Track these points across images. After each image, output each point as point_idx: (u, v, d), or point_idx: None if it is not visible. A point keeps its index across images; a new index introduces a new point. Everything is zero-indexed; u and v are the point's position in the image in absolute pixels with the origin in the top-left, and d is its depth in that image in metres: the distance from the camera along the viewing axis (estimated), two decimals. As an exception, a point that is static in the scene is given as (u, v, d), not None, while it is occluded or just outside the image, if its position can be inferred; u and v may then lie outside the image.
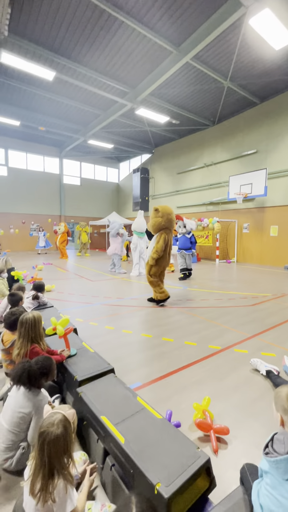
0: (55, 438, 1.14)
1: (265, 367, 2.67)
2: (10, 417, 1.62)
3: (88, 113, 12.90)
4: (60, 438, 1.15)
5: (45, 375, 1.76)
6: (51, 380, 1.84)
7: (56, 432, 1.15)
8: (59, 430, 1.16)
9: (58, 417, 1.20)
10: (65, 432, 1.17)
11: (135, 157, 20.35)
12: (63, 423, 1.19)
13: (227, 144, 13.11)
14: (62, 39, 7.92)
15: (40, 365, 1.75)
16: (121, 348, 3.32)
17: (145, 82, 9.84)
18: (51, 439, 1.13)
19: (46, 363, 1.80)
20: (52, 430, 1.15)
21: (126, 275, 8.89)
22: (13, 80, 10.15)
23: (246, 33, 7.43)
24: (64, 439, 1.16)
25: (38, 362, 1.77)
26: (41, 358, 1.83)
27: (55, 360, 2.25)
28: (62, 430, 1.17)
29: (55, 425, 1.17)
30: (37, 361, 1.79)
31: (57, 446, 1.14)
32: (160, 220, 5.00)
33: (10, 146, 16.96)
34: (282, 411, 1.16)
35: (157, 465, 1.27)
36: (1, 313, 4.00)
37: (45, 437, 1.14)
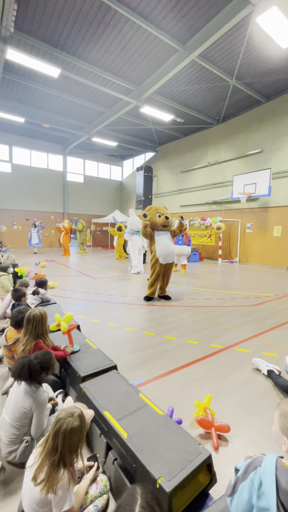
0: (71, 429, 1.16)
1: (267, 366, 2.68)
2: (12, 412, 1.65)
3: (93, 110, 12.89)
4: (76, 431, 1.17)
5: (45, 370, 1.76)
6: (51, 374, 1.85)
7: (73, 423, 1.17)
8: (76, 423, 1.18)
9: (77, 411, 1.23)
10: (80, 427, 1.20)
11: (139, 155, 20.32)
12: (81, 419, 1.21)
13: (232, 143, 13.04)
14: (67, 36, 7.91)
15: (40, 360, 1.76)
16: (123, 345, 3.35)
17: (150, 80, 9.80)
18: (67, 429, 1.16)
19: (46, 357, 1.80)
20: (70, 420, 1.18)
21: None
22: (18, 77, 10.16)
23: (252, 31, 7.37)
24: (78, 433, 1.18)
25: (37, 357, 1.78)
26: (40, 353, 1.83)
27: (58, 356, 2.29)
28: (79, 424, 1.19)
29: (74, 417, 1.19)
30: (37, 355, 1.80)
31: (71, 438, 1.16)
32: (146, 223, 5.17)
33: (14, 143, 17.01)
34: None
35: (159, 460, 1.29)
36: (5, 308, 4.05)
37: (61, 424, 1.16)
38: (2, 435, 1.66)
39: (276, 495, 0.88)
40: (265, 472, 0.94)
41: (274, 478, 0.91)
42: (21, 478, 1.57)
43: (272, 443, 1.82)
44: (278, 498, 0.88)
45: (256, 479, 0.95)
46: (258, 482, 0.94)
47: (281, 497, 0.88)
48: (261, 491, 0.92)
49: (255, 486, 0.94)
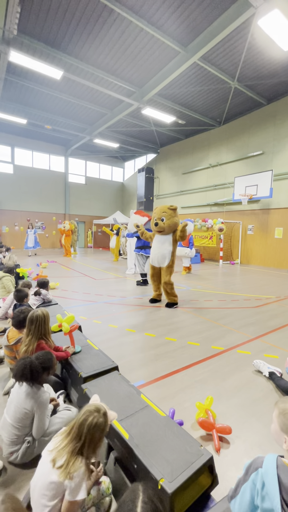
0: (95, 424, 1.19)
1: (268, 368, 2.67)
2: (14, 413, 1.65)
3: (95, 112, 12.94)
4: (99, 427, 1.20)
5: (46, 370, 1.76)
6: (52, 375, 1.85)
7: (99, 419, 1.21)
8: (101, 419, 1.21)
9: (103, 409, 1.26)
10: (104, 425, 1.22)
11: (140, 156, 20.36)
12: (105, 417, 1.24)
13: (233, 145, 13.06)
14: (70, 38, 7.96)
15: (41, 360, 1.76)
16: (124, 347, 3.35)
17: (152, 81, 9.84)
18: (92, 422, 1.19)
19: (47, 357, 1.80)
20: (96, 415, 1.21)
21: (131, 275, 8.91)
22: (21, 79, 10.22)
23: (254, 34, 7.40)
24: (101, 430, 1.21)
25: (39, 357, 1.78)
26: (41, 353, 1.84)
27: (60, 357, 2.29)
28: (103, 421, 1.22)
29: (100, 414, 1.22)
30: (38, 356, 1.80)
31: (95, 432, 1.19)
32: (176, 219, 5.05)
33: (16, 144, 17.09)
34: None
35: (161, 461, 1.29)
36: (6, 309, 4.06)
37: (87, 417, 1.20)
38: (3, 435, 1.66)
39: (279, 495, 0.88)
40: (267, 472, 0.94)
41: (276, 477, 0.91)
42: (23, 479, 1.58)
43: (273, 444, 1.81)
44: (281, 497, 0.87)
45: (258, 480, 0.95)
46: (260, 483, 0.94)
47: (284, 496, 0.87)
48: (264, 491, 0.92)
49: (258, 487, 0.94)
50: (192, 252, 9.11)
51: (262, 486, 0.93)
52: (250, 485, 0.97)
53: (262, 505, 0.92)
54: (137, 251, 7.36)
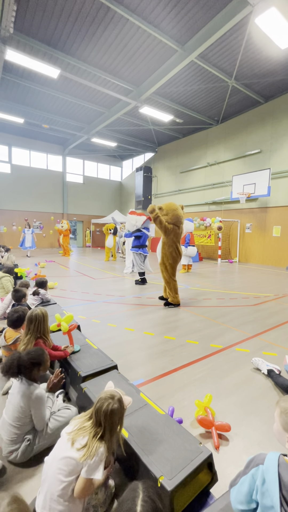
0: (111, 410, 1.22)
1: (267, 366, 2.68)
2: (12, 412, 1.65)
3: (92, 111, 12.90)
4: (115, 412, 1.23)
5: (36, 365, 1.74)
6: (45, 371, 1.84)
7: (113, 405, 1.24)
8: (116, 405, 1.24)
9: (118, 395, 1.29)
10: (120, 409, 1.26)
11: (138, 155, 20.34)
12: (119, 404, 1.27)
13: (231, 143, 13.07)
14: (67, 37, 7.92)
15: (31, 356, 1.74)
16: (123, 345, 3.35)
17: (149, 80, 9.82)
18: (108, 409, 1.22)
19: (36, 353, 1.78)
20: (110, 402, 1.24)
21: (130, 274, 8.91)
22: (17, 78, 10.17)
23: (251, 32, 7.39)
24: (118, 415, 1.25)
25: (29, 353, 1.77)
26: (32, 349, 1.83)
27: (59, 356, 2.29)
28: (118, 407, 1.25)
29: (114, 400, 1.25)
30: (29, 352, 1.79)
31: (112, 418, 1.23)
32: (165, 218, 4.96)
33: (13, 143, 17.00)
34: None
35: (160, 459, 1.30)
36: (5, 309, 4.05)
37: (102, 404, 1.23)
38: (3, 435, 1.66)
39: (279, 492, 0.89)
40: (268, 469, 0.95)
41: (276, 475, 0.92)
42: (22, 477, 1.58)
43: (272, 442, 1.82)
44: (281, 495, 0.88)
45: (258, 476, 0.96)
46: (261, 480, 0.95)
47: (284, 494, 0.88)
48: (264, 488, 0.93)
49: (258, 483, 0.95)
50: (190, 250, 9.09)
51: (263, 482, 0.94)
52: (249, 479, 0.99)
53: (262, 502, 0.93)
54: (135, 250, 7.36)
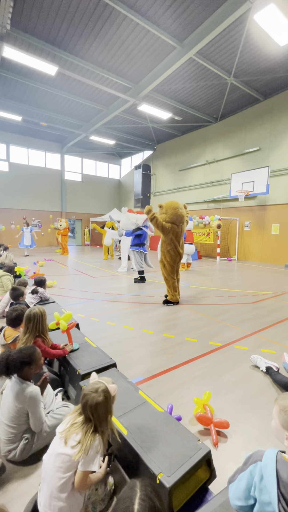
0: (96, 404, 1.23)
1: (265, 363, 2.69)
2: (7, 412, 1.65)
3: (90, 108, 12.84)
4: (100, 405, 1.23)
5: (26, 364, 1.71)
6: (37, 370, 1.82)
7: (97, 398, 1.24)
8: (100, 398, 1.24)
9: (101, 386, 1.29)
10: (105, 401, 1.25)
11: (137, 153, 20.27)
12: (105, 393, 1.27)
13: (230, 141, 13.05)
14: (64, 33, 7.86)
15: (21, 355, 1.72)
16: (122, 344, 3.35)
17: (148, 77, 9.77)
18: (92, 403, 1.23)
19: (27, 352, 1.75)
20: (94, 396, 1.24)
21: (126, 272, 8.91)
22: (15, 75, 10.09)
23: (250, 29, 7.36)
24: (104, 407, 1.25)
25: (20, 351, 1.74)
26: (24, 347, 1.80)
27: (58, 354, 2.29)
28: (103, 399, 1.25)
29: (98, 393, 1.25)
30: (20, 350, 1.76)
31: (98, 411, 1.23)
32: (164, 217, 4.94)
33: (11, 141, 16.91)
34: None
35: (159, 456, 1.30)
36: (3, 307, 4.05)
37: (87, 399, 1.24)
38: (0, 434, 1.66)
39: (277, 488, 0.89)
40: (266, 466, 0.96)
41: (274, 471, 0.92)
42: (21, 475, 1.59)
43: (270, 438, 1.83)
44: (279, 491, 0.89)
45: (256, 473, 0.97)
46: (259, 476, 0.95)
47: (282, 490, 0.89)
48: (262, 484, 0.93)
49: (256, 480, 0.96)
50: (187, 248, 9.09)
51: (261, 479, 0.95)
52: (247, 475, 1.00)
53: (260, 498, 0.93)
54: (136, 248, 7.34)
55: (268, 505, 0.90)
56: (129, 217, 7.47)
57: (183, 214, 4.97)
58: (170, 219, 4.88)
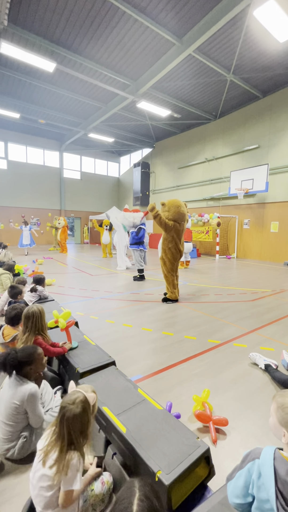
0: (73, 416, 1.18)
1: (264, 361, 2.70)
2: (4, 410, 1.64)
3: (89, 106, 12.76)
4: (77, 417, 1.18)
5: (27, 364, 1.72)
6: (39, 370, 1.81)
7: (75, 410, 1.18)
8: (78, 409, 1.19)
9: (79, 396, 1.23)
10: (83, 412, 1.20)
11: (136, 151, 20.19)
12: (83, 404, 1.21)
13: (229, 138, 13.00)
14: (62, 30, 7.78)
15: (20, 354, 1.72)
16: (121, 342, 3.35)
17: (146, 74, 9.70)
18: (69, 416, 1.17)
19: (26, 352, 1.74)
20: (71, 407, 1.19)
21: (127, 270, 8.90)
22: (13, 71, 10.01)
23: (250, 25, 7.30)
24: (81, 419, 1.19)
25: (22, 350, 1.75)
26: (26, 347, 1.80)
27: (57, 353, 2.29)
28: (81, 411, 1.20)
29: (75, 404, 1.20)
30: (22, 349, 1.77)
31: (75, 424, 1.18)
32: (167, 214, 4.96)
33: (10, 139, 16.80)
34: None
35: (158, 454, 1.30)
36: (2, 306, 4.04)
37: (64, 412, 1.18)
38: None
39: (274, 485, 0.89)
40: (263, 463, 0.96)
41: (272, 468, 0.93)
42: (20, 473, 1.59)
43: (269, 436, 1.84)
44: (277, 488, 0.89)
45: (254, 470, 0.97)
46: (256, 474, 0.96)
47: (280, 487, 0.89)
48: (260, 482, 0.93)
49: (254, 477, 0.96)
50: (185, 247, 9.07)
51: (259, 476, 0.95)
52: (245, 473, 1.00)
53: (258, 495, 0.93)
54: (136, 247, 7.31)
55: (266, 503, 0.90)
56: (126, 217, 7.44)
57: (184, 212, 5.02)
58: (172, 217, 4.91)
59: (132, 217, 7.35)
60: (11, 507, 1.39)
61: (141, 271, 7.25)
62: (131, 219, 7.35)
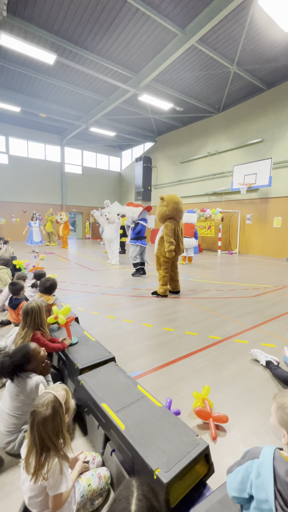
0: (43, 419, 1.12)
1: (265, 357, 2.68)
2: (10, 402, 1.65)
3: (90, 99, 12.60)
4: (48, 420, 1.12)
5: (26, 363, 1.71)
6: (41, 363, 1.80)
7: (44, 413, 1.12)
8: (48, 411, 1.13)
9: (48, 397, 1.17)
10: (54, 413, 1.14)
11: (138, 145, 19.99)
12: (53, 404, 1.16)
13: (232, 132, 12.81)
14: (62, 21, 7.63)
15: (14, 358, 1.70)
16: (122, 337, 3.35)
17: (148, 66, 9.53)
18: (39, 420, 1.12)
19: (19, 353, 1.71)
20: (41, 410, 1.13)
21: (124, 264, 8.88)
22: (13, 64, 9.87)
23: (254, 14, 7.11)
24: (53, 421, 1.14)
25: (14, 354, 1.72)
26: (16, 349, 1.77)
27: (56, 348, 2.28)
28: (51, 412, 1.13)
29: (44, 406, 1.14)
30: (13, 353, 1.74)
31: (46, 427, 1.12)
32: (165, 209, 4.92)
33: (10, 133, 16.69)
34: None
35: (157, 451, 1.29)
36: (3, 301, 4.05)
37: (34, 417, 1.12)
38: (0, 425, 1.66)
39: (273, 485, 0.88)
40: (263, 463, 0.95)
41: (271, 468, 0.91)
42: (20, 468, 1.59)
43: (269, 433, 1.82)
44: (276, 488, 0.88)
45: (253, 470, 0.96)
46: (256, 473, 0.95)
47: (279, 487, 0.88)
48: (259, 481, 0.92)
49: (252, 477, 0.96)
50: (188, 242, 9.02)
51: (257, 476, 0.94)
52: (243, 469, 1.00)
53: (256, 495, 0.92)
54: (134, 242, 7.26)
55: (265, 503, 0.89)
56: (126, 211, 7.38)
57: (182, 209, 5.02)
58: (170, 212, 4.89)
59: (131, 212, 7.28)
60: (10, 502, 1.40)
61: (136, 265, 7.19)
62: (130, 214, 7.28)
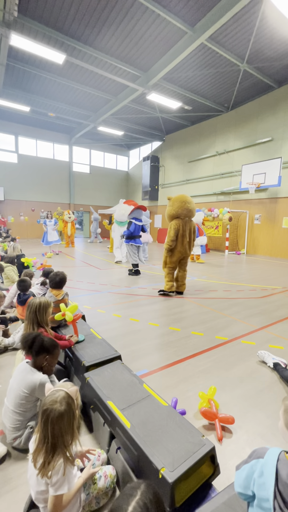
0: (59, 415, 1.13)
1: (273, 359, 2.64)
2: (14, 398, 1.67)
3: (98, 98, 12.64)
4: (64, 415, 1.14)
5: (45, 352, 1.75)
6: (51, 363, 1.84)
7: (59, 409, 1.14)
8: (63, 407, 1.14)
9: (61, 394, 1.19)
10: (68, 409, 1.16)
11: (145, 144, 19.97)
12: (67, 400, 1.17)
13: (241, 131, 12.66)
14: (72, 20, 7.67)
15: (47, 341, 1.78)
16: (128, 336, 3.35)
17: (157, 65, 9.49)
18: (55, 416, 1.13)
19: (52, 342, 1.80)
20: (55, 407, 1.14)
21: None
22: (23, 64, 9.98)
23: (265, 11, 7.00)
24: (68, 416, 1.15)
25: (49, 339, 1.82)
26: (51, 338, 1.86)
27: (63, 345, 2.30)
28: (66, 407, 1.15)
29: (58, 402, 1.15)
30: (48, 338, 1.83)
31: (61, 423, 1.14)
32: (170, 209, 4.90)
33: (20, 132, 16.90)
34: None
35: (162, 451, 1.29)
36: (11, 298, 4.10)
37: (48, 414, 1.13)
38: (6, 422, 1.69)
39: (274, 485, 0.90)
40: (266, 463, 0.96)
41: (274, 469, 0.93)
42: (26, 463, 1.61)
43: (276, 435, 1.80)
44: (276, 488, 0.89)
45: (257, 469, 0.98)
46: (259, 472, 0.96)
47: (280, 488, 0.89)
48: (261, 481, 0.94)
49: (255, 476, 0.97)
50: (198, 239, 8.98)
51: (260, 475, 0.96)
52: (248, 467, 1.02)
53: (258, 494, 0.95)
54: (127, 242, 7.15)
55: (266, 502, 0.91)
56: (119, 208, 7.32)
57: (190, 208, 4.89)
58: (175, 211, 4.87)
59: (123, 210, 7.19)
60: (17, 495, 1.42)
61: (134, 266, 7.12)
62: (123, 212, 7.17)
